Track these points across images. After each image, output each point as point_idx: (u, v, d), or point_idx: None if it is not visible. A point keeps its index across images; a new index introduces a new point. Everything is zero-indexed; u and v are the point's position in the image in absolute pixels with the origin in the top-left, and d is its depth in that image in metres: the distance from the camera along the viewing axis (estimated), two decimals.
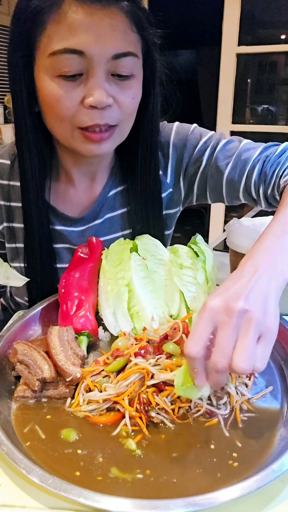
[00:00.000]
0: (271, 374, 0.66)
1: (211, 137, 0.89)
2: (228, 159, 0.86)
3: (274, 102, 3.48)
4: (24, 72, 0.73)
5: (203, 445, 0.53)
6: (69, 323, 0.71)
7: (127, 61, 0.70)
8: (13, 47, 0.73)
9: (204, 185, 0.91)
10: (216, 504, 0.44)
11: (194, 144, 0.89)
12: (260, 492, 0.45)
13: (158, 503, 0.43)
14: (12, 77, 0.75)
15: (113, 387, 0.58)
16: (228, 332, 0.48)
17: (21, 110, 0.77)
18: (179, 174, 0.93)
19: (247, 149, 0.85)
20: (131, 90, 0.73)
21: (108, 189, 0.91)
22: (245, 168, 0.84)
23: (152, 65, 0.79)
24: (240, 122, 3.16)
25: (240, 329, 0.49)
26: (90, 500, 0.44)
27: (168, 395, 0.57)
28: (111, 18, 0.66)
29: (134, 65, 0.72)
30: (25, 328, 0.75)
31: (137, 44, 0.72)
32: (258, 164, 0.82)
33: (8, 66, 0.75)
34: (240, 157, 0.85)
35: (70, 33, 0.66)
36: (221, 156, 0.86)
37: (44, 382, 0.61)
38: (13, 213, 0.88)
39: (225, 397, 0.59)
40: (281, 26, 3.07)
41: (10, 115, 3.89)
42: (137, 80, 0.74)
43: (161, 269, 0.78)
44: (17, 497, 0.47)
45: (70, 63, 0.67)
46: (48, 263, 0.88)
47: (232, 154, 0.86)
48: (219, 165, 0.86)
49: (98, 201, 0.90)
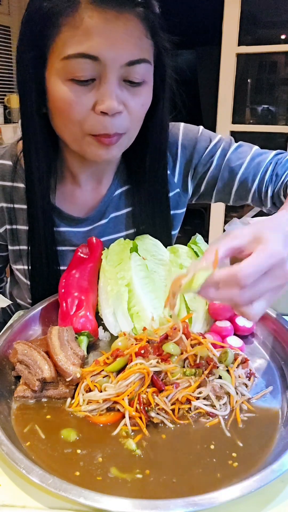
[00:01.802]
0: (271, 374, 0.66)
1: (220, 140, 0.93)
2: (241, 160, 0.90)
3: (274, 102, 3.48)
4: (35, 73, 0.71)
5: (203, 445, 0.53)
6: (69, 323, 0.71)
7: (140, 68, 0.69)
8: (24, 47, 0.71)
9: (213, 185, 0.93)
10: (216, 504, 0.44)
11: (205, 145, 0.92)
12: (260, 492, 0.45)
13: (158, 503, 0.43)
14: (21, 77, 0.73)
15: (113, 387, 0.58)
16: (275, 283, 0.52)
17: (29, 111, 0.76)
18: (187, 174, 0.94)
19: (260, 153, 0.91)
20: (142, 97, 0.73)
21: (114, 188, 0.91)
22: (259, 169, 0.89)
23: (162, 71, 0.78)
24: (240, 122, 3.16)
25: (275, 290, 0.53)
26: (90, 500, 0.44)
27: (168, 395, 0.57)
28: (126, 24, 0.66)
29: (146, 71, 0.71)
30: (25, 328, 0.75)
31: (150, 50, 0.72)
32: (271, 166, 0.88)
33: (18, 66, 0.74)
34: (254, 159, 0.90)
35: (85, 38, 0.65)
36: (234, 158, 0.91)
37: (44, 382, 0.61)
38: (16, 215, 0.87)
39: (225, 397, 0.59)
40: (281, 26, 3.07)
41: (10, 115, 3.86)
42: (148, 87, 0.74)
43: (161, 269, 0.78)
44: (17, 497, 0.47)
45: (83, 68, 0.66)
46: (52, 265, 0.87)
47: (244, 156, 0.91)
48: (232, 166, 0.90)
49: (104, 201, 0.90)
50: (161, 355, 0.62)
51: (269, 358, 0.70)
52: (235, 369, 0.63)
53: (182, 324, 0.66)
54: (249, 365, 0.65)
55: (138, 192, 0.90)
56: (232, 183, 0.91)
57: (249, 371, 0.64)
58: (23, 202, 0.85)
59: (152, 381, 0.58)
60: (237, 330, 0.74)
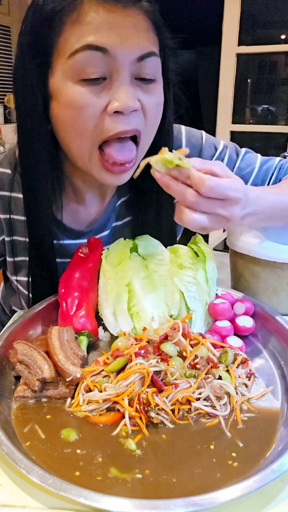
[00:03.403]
0: (271, 374, 0.66)
1: (225, 147, 0.93)
2: (250, 167, 0.92)
3: (274, 102, 3.48)
4: (39, 82, 0.67)
5: (203, 445, 0.53)
6: (69, 323, 0.71)
7: (151, 63, 0.67)
8: (24, 57, 0.67)
9: None
10: (216, 504, 0.44)
11: (210, 153, 0.92)
12: (260, 492, 0.45)
13: (158, 503, 0.43)
14: (23, 90, 0.69)
15: (113, 387, 0.58)
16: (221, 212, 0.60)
17: (31, 128, 0.71)
18: None
19: (266, 160, 0.94)
20: (156, 96, 0.70)
21: (116, 199, 0.90)
22: (267, 176, 0.92)
23: (166, 70, 0.76)
24: (240, 122, 3.16)
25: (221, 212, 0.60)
26: (90, 500, 0.44)
27: (168, 396, 0.57)
28: (133, 17, 0.63)
29: (157, 67, 0.69)
30: (25, 328, 0.75)
31: (157, 47, 0.69)
32: (276, 172, 0.91)
33: (17, 81, 0.70)
34: (262, 167, 0.92)
35: (92, 31, 0.61)
36: (243, 166, 0.92)
37: (44, 382, 0.61)
38: (14, 226, 0.84)
39: (225, 397, 0.59)
40: (281, 26, 3.06)
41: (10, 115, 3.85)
42: (159, 86, 0.71)
43: (161, 269, 0.78)
44: (17, 497, 0.47)
45: (93, 63, 0.63)
46: (53, 278, 0.83)
47: (253, 163, 0.92)
48: (243, 174, 0.92)
49: (107, 212, 0.89)
50: (161, 355, 0.62)
51: (269, 358, 0.70)
52: (235, 369, 0.63)
53: (182, 324, 0.66)
54: (249, 365, 0.65)
55: (140, 200, 0.88)
56: None
57: (249, 371, 0.64)
58: (22, 213, 0.82)
59: (152, 381, 0.58)
60: (237, 330, 0.74)
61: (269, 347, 0.72)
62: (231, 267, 0.93)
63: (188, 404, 0.57)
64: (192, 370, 0.61)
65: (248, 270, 0.86)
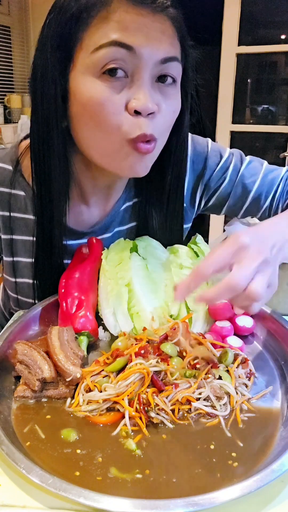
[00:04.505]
0: (271, 374, 0.66)
1: (231, 155, 0.92)
2: (254, 177, 0.90)
3: (274, 102, 3.48)
4: (59, 77, 0.66)
5: (203, 445, 0.53)
6: (69, 323, 0.71)
7: (173, 67, 0.67)
8: (45, 51, 0.66)
9: (224, 200, 0.93)
10: (216, 504, 0.44)
11: (216, 161, 0.91)
12: (260, 492, 0.45)
13: (158, 503, 0.43)
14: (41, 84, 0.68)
15: (113, 387, 0.58)
16: (253, 268, 0.54)
17: (51, 124, 0.69)
18: (196, 190, 0.92)
19: (271, 170, 0.91)
20: (174, 102, 0.70)
21: (121, 203, 0.89)
22: (272, 187, 0.90)
23: (188, 82, 0.76)
24: (240, 122, 3.16)
25: (260, 271, 0.55)
26: (90, 500, 0.44)
27: (168, 396, 0.57)
28: (160, 23, 0.64)
29: (178, 72, 0.69)
30: (25, 328, 0.75)
31: (180, 54, 0.70)
32: (282, 183, 0.89)
33: (35, 74, 0.68)
34: (267, 176, 0.90)
35: (120, 29, 0.62)
36: (247, 174, 0.90)
37: (44, 382, 0.61)
38: (13, 224, 0.82)
39: (225, 397, 0.59)
40: (281, 26, 3.06)
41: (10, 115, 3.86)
42: (178, 92, 0.71)
43: (161, 269, 0.78)
44: (17, 497, 0.47)
45: (117, 59, 0.62)
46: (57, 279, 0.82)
47: (257, 172, 0.90)
48: (246, 182, 0.90)
49: (110, 215, 0.88)
50: (161, 355, 0.62)
51: (269, 358, 0.70)
52: (235, 369, 0.63)
53: (182, 324, 0.66)
54: (249, 365, 0.65)
55: (149, 205, 0.87)
56: (245, 199, 0.91)
57: (249, 371, 0.64)
58: (22, 211, 0.81)
59: (152, 381, 0.58)
60: (237, 330, 0.74)
61: (269, 347, 0.72)
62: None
63: (188, 404, 0.57)
64: (192, 370, 0.61)
65: None
